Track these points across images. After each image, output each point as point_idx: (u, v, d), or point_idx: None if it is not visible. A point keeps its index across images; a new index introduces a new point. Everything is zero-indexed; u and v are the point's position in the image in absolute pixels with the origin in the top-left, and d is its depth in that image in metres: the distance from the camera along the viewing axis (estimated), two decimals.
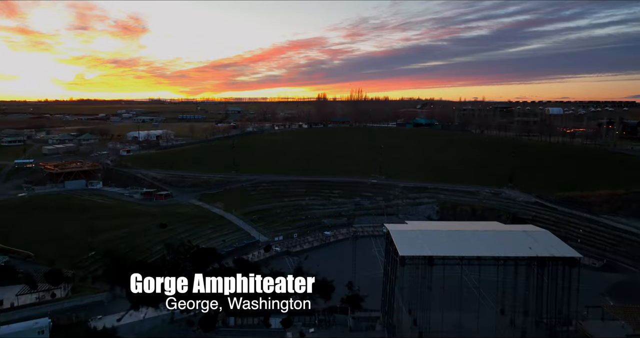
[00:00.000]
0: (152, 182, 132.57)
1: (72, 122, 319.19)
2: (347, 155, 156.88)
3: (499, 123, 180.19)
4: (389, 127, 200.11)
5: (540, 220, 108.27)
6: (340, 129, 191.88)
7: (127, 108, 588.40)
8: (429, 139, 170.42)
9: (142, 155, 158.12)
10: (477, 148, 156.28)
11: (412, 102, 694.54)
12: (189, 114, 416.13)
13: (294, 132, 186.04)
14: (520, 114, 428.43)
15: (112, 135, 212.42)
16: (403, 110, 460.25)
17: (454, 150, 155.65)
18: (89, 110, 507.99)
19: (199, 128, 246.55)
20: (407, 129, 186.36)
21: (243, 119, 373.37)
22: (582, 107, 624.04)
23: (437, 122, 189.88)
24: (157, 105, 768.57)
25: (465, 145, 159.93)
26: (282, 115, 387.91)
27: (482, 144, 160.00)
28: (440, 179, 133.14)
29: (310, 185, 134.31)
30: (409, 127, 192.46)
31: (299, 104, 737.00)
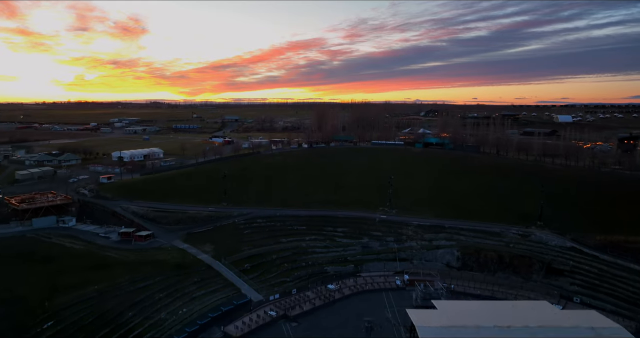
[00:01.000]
0: (132, 219, 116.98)
1: (60, 133, 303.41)
2: (352, 183, 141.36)
3: (518, 144, 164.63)
4: (396, 146, 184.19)
5: (580, 273, 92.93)
6: (343, 150, 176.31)
7: (124, 112, 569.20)
8: (441, 163, 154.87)
9: (124, 183, 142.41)
10: (496, 175, 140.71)
11: (415, 107, 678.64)
12: (183, 122, 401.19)
13: (293, 154, 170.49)
14: (527, 123, 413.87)
15: (97, 154, 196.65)
16: (407, 119, 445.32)
17: (471, 177, 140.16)
18: (83, 117, 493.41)
19: (191, 144, 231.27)
20: (416, 150, 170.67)
21: (240, 129, 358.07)
22: (589, 113, 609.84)
23: (448, 142, 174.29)
24: (154, 110, 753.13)
25: (482, 172, 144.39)
26: (281, 125, 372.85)
27: (501, 170, 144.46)
28: (458, 214, 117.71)
29: (311, 221, 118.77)
30: (418, 147, 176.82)
31: (298, 110, 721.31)
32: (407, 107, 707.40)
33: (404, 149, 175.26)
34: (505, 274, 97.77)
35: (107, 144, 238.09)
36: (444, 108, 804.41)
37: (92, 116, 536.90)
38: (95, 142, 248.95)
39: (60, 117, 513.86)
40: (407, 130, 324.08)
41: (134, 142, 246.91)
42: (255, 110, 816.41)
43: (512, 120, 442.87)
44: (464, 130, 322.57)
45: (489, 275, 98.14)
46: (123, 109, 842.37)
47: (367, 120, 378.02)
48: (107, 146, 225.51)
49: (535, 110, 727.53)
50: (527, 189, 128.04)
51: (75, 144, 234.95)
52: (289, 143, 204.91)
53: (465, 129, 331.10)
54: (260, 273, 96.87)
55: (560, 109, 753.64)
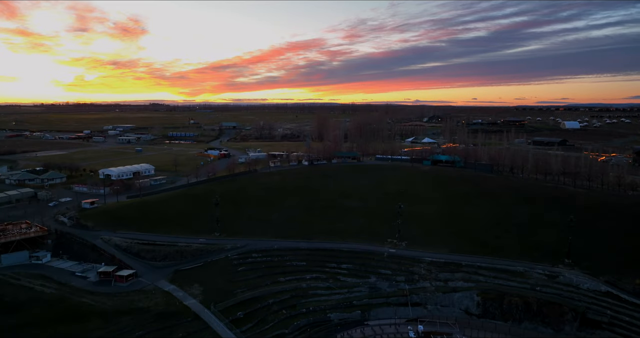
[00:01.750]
0: (113, 255, 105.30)
1: (51, 143, 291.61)
2: (356, 207, 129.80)
3: (534, 161, 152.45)
4: (402, 162, 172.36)
5: (621, 326, 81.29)
6: (346, 168, 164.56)
7: (120, 117, 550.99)
8: (453, 185, 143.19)
9: (108, 208, 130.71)
10: (514, 200, 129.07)
11: (417, 111, 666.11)
12: (179, 130, 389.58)
13: (293, 173, 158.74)
14: (534, 130, 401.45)
15: (84, 170, 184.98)
16: (410, 125, 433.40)
17: (486, 202, 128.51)
18: (77, 123, 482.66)
19: (185, 157, 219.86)
20: (424, 169, 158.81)
21: (238, 137, 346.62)
22: (595, 117, 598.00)
23: (459, 159, 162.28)
24: (151, 114, 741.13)
25: (498, 195, 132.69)
26: (280, 133, 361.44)
27: (519, 194, 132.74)
28: (475, 248, 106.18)
29: (312, 256, 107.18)
30: (427, 164, 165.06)
31: (298, 114, 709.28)
32: (409, 111, 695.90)
33: (411, 167, 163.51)
34: (533, 324, 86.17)
35: (96, 156, 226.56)
36: (445, 110, 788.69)
37: (87, 122, 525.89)
38: (85, 154, 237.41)
39: (54, 123, 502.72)
40: (411, 139, 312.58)
41: (125, 155, 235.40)
42: (254, 113, 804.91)
43: (518, 126, 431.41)
44: (470, 138, 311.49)
45: (515, 325, 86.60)
46: (120, 113, 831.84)
47: (369, 128, 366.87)
48: (96, 160, 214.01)
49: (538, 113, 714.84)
50: (549, 218, 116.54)
51: (63, 156, 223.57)
52: (288, 158, 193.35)
53: (470, 137, 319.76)
54: (255, 323, 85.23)
55: (564, 112, 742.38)
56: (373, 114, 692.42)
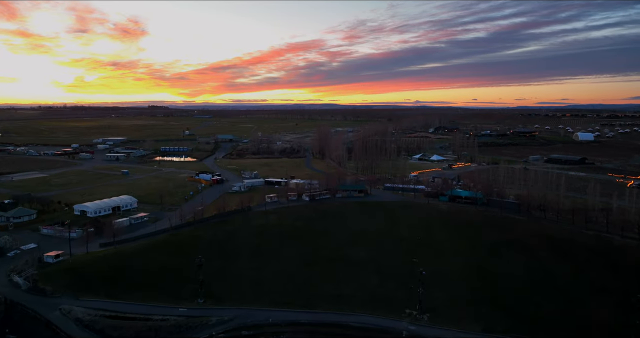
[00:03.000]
0: (71, 336, 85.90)
1: (33, 161, 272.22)
2: (366, 260, 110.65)
3: (571, 207, 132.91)
4: (416, 200, 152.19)
5: None
6: (352, 207, 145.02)
7: (115, 124, 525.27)
8: (477, 231, 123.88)
9: (74, 263, 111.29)
10: (551, 254, 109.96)
11: (420, 117, 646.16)
12: (173, 143, 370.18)
13: (291, 212, 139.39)
14: (546, 143, 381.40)
15: (59, 202, 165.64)
16: (416, 137, 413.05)
17: (520, 256, 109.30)
18: (70, 132, 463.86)
19: (174, 182, 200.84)
20: (441, 208, 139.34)
21: (234, 152, 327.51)
22: (607, 125, 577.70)
23: (481, 196, 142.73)
24: (147, 120, 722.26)
25: (532, 246, 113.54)
26: (279, 147, 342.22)
27: (556, 246, 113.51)
28: (514, 323, 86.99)
29: (314, 334, 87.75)
30: (443, 201, 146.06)
31: (298, 122, 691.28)
32: (412, 119, 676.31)
33: (426, 205, 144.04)
34: None
35: (77, 181, 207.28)
36: (445, 112, 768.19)
37: (79, 131, 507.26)
38: (66, 177, 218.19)
39: (43, 133, 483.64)
40: (418, 156, 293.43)
41: (110, 178, 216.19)
42: (253, 120, 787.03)
43: (529, 138, 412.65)
44: (481, 154, 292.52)
45: None
46: (115, 120, 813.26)
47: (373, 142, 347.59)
48: (75, 186, 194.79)
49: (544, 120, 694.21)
50: (598, 282, 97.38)
51: (40, 181, 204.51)
52: (287, 187, 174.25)
53: (481, 151, 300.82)
54: None
55: (571, 119, 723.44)
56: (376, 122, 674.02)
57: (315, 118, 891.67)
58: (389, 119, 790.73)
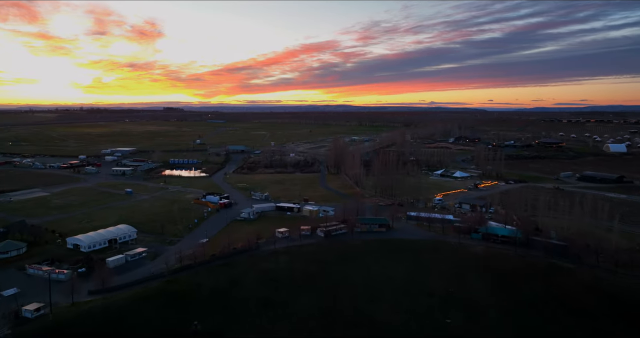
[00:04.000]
0: None
1: (36, 176, 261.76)
2: (392, 326, 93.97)
3: (629, 246, 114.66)
4: (445, 238, 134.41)
5: None
6: (373, 246, 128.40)
7: (127, 130, 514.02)
8: (519, 283, 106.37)
9: (55, 322, 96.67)
10: (615, 320, 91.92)
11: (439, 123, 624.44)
12: (184, 154, 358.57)
13: (304, 253, 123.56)
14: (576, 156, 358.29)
15: (53, 232, 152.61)
16: (435, 147, 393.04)
17: (575, 322, 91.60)
18: (81, 140, 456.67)
19: (179, 205, 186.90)
20: (474, 251, 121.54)
21: (246, 165, 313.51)
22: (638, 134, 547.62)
23: (520, 235, 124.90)
24: (160, 126, 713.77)
25: (590, 309, 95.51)
26: (293, 159, 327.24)
27: (616, 309, 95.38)
28: None
29: None
30: (476, 238, 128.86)
31: (313, 129, 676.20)
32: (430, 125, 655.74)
33: (457, 247, 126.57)
34: None
35: (78, 203, 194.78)
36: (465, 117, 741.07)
37: (90, 140, 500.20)
38: (66, 198, 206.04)
39: (54, 141, 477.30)
40: (440, 172, 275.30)
41: (112, 199, 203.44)
42: (266, 126, 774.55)
43: (556, 149, 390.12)
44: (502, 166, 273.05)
45: None
46: (128, 125, 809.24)
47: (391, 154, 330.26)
48: (74, 210, 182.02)
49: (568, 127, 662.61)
50: None
51: (39, 203, 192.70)
52: (300, 212, 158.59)
53: (507, 166, 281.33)
54: None
55: (596, 126, 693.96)
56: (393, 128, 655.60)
57: (330, 123, 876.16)
58: (406, 124, 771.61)
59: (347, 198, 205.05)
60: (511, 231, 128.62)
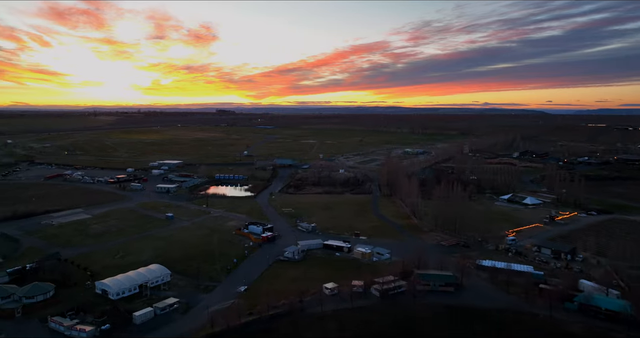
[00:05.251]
0: None
1: (82, 192, 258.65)
2: None
3: None
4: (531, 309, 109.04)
5: None
6: (440, 311, 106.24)
7: (179, 138, 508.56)
8: None
9: None
10: None
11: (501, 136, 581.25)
12: (231, 169, 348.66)
13: (358, 320, 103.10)
14: None
15: (84, 270, 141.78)
16: (498, 164, 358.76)
17: None
18: (133, 149, 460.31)
19: (219, 235, 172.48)
20: (570, 329, 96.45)
21: (292, 182, 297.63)
22: None
23: (629, 311, 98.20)
24: (210, 132, 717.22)
25: None
26: (342, 176, 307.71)
27: None
28: None
29: None
30: (571, 308, 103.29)
31: (364, 138, 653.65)
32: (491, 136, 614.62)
33: (548, 323, 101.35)
34: None
35: (117, 230, 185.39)
36: (525, 124, 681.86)
37: (141, 149, 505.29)
38: (106, 222, 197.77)
39: (107, 150, 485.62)
40: (507, 197, 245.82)
41: (151, 225, 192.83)
42: (316, 132, 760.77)
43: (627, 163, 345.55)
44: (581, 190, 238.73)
45: None
46: (179, 131, 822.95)
47: (450, 176, 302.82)
48: (112, 239, 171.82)
49: None
50: None
51: (79, 227, 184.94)
52: (349, 252, 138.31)
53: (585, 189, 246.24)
54: None
55: None
56: (448, 136, 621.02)
57: (380, 130, 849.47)
58: (462, 132, 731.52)
59: (404, 232, 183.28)
60: (620, 304, 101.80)
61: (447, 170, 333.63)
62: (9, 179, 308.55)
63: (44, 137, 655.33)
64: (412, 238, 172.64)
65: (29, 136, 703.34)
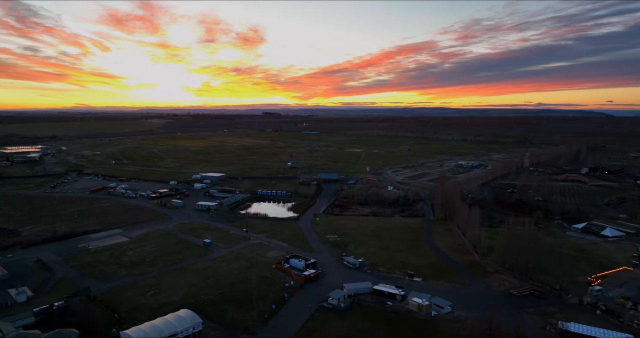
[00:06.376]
0: None
1: (121, 209, 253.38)
2: None
3: None
4: None
5: None
6: None
7: (224, 145, 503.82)
8: None
9: None
10: None
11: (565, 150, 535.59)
12: (271, 185, 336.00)
13: None
14: None
15: (113, 312, 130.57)
16: (564, 181, 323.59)
17: None
18: (173, 163, 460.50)
19: (257, 272, 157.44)
20: None
21: (338, 200, 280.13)
22: None
23: None
24: (255, 138, 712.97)
25: None
26: (392, 195, 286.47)
27: None
28: None
29: None
30: None
31: (412, 146, 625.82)
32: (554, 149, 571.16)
33: None
34: None
35: (152, 258, 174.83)
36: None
37: (188, 156, 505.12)
38: (143, 247, 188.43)
39: (154, 159, 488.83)
40: (581, 226, 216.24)
41: (188, 251, 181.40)
42: (361, 140, 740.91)
43: None
44: None
45: None
46: (227, 136, 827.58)
47: (509, 198, 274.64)
48: (146, 270, 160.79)
49: None
50: None
51: (114, 254, 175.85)
52: (403, 301, 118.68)
53: None
54: None
55: None
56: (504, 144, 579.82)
57: (430, 136, 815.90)
58: (519, 140, 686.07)
59: (464, 272, 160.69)
60: None
61: (508, 188, 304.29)
62: (57, 192, 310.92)
63: (97, 144, 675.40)
64: (475, 283, 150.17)
65: (84, 142, 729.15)
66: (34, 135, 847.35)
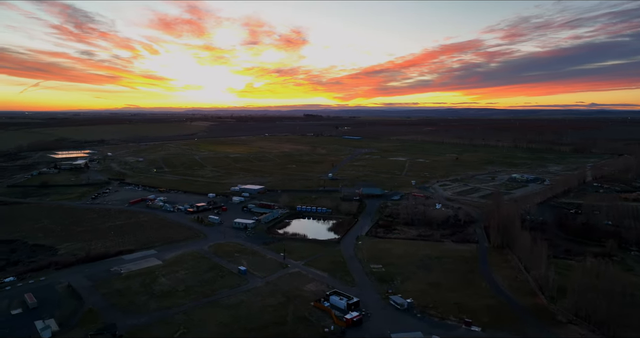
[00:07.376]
0: None
1: (161, 225, 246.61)
2: None
3: None
4: None
5: None
6: None
7: (265, 150, 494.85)
8: None
9: None
10: None
11: (633, 162, 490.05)
12: (311, 200, 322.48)
13: None
14: None
15: None
16: (634, 201, 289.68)
17: None
18: (212, 173, 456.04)
19: (294, 310, 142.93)
20: None
21: (382, 220, 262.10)
22: None
23: None
24: (296, 143, 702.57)
25: None
26: (439, 213, 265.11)
27: None
28: None
29: None
30: None
31: (460, 154, 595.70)
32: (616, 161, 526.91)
33: None
34: None
35: (184, 288, 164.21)
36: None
37: (227, 164, 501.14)
38: (176, 273, 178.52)
39: (194, 167, 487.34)
40: None
41: (221, 281, 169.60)
42: (405, 148, 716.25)
43: None
44: None
45: None
46: (266, 141, 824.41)
47: (569, 216, 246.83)
48: (176, 302, 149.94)
49: None
50: None
51: (145, 282, 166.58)
52: None
53: None
54: None
55: None
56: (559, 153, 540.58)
57: (478, 144, 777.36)
58: (576, 149, 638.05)
59: (530, 320, 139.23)
60: None
61: (571, 209, 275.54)
62: (97, 203, 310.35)
63: (141, 149, 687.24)
64: (544, 335, 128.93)
65: (129, 146, 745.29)
66: (84, 139, 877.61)
